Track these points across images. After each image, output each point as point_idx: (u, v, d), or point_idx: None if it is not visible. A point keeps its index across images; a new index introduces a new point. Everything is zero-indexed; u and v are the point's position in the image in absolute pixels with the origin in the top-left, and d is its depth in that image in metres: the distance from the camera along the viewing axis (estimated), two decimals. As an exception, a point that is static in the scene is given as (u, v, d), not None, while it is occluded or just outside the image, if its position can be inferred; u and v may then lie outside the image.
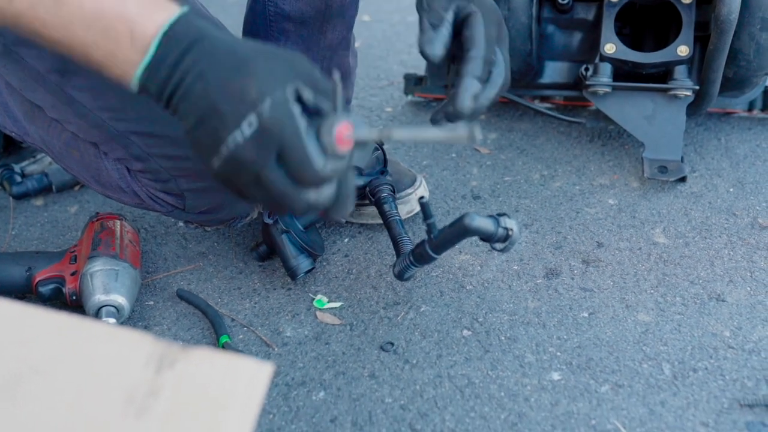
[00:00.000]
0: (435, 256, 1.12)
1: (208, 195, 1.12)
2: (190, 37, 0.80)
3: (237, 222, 1.20)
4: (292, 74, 0.80)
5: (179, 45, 0.79)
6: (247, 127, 0.77)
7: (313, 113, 0.80)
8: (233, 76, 0.78)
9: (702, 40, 1.48)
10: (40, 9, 0.78)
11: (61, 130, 1.11)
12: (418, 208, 1.38)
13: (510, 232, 1.05)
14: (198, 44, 0.80)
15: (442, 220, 1.41)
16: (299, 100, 0.79)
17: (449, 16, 1.04)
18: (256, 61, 0.80)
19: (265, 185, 0.79)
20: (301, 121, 0.78)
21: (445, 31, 1.04)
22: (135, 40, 0.79)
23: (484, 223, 1.04)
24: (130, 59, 0.80)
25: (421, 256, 1.13)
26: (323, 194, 0.81)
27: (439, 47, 1.04)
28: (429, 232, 1.11)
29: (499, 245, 1.06)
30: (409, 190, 1.37)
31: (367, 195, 1.31)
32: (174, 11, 0.80)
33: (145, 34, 0.79)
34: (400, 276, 1.18)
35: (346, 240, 1.37)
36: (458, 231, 1.06)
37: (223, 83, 0.78)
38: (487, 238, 1.06)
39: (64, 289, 1.19)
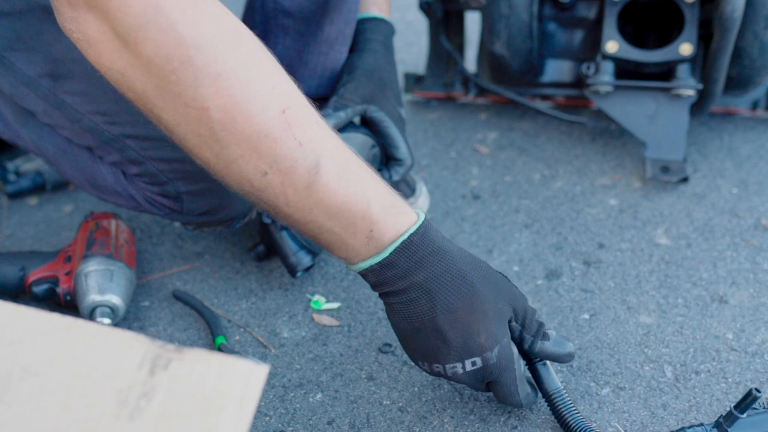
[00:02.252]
0: None
1: (206, 197, 1.12)
2: (424, 250, 0.87)
3: (235, 223, 1.20)
4: (511, 309, 0.92)
5: (413, 257, 0.87)
6: (470, 365, 0.89)
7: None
8: (463, 313, 0.88)
9: (705, 39, 1.47)
10: (290, 190, 0.83)
11: (54, 134, 1.10)
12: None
13: None
14: (430, 261, 0.87)
15: (441, 220, 1.40)
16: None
17: (355, 110, 1.21)
18: (485, 298, 0.89)
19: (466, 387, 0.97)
20: (517, 363, 0.93)
21: (343, 116, 1.20)
22: (372, 239, 0.86)
23: None
24: (361, 252, 0.87)
25: None
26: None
27: (330, 123, 1.17)
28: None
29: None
30: (411, 200, 1.36)
31: None
32: (413, 218, 0.88)
33: (383, 238, 0.86)
34: None
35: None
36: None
37: (451, 315, 0.88)
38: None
39: (58, 289, 1.17)
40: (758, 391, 0.90)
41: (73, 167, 1.15)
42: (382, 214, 0.85)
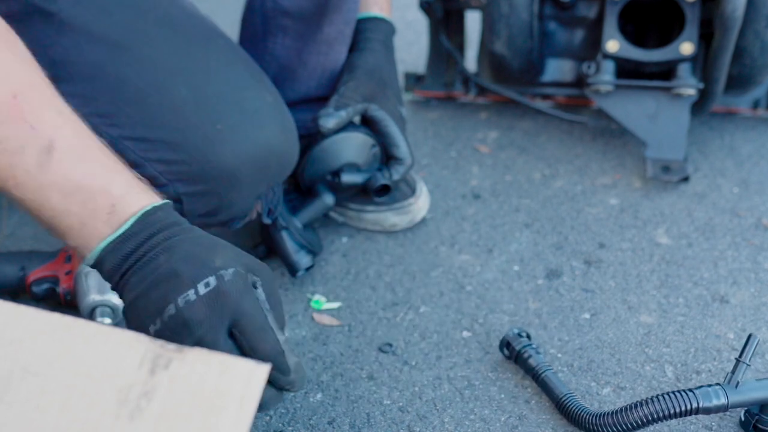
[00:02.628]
0: None
1: (205, 198, 1.11)
2: (168, 220, 0.83)
3: (235, 223, 1.20)
4: (257, 271, 0.84)
5: (155, 224, 0.82)
6: (203, 287, 0.79)
7: None
8: (200, 250, 0.82)
9: (706, 38, 1.47)
10: (19, 170, 0.79)
11: None
12: (419, 218, 1.37)
13: None
14: (174, 227, 0.83)
15: (441, 220, 1.40)
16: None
17: (356, 109, 1.24)
18: (226, 247, 0.84)
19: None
20: (261, 298, 0.82)
21: (344, 115, 1.23)
22: (113, 214, 0.81)
23: None
24: (98, 232, 0.82)
25: None
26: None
27: (332, 122, 1.24)
28: None
29: None
30: (411, 200, 1.36)
31: (369, 192, 1.30)
32: (158, 198, 0.84)
33: (126, 212, 0.81)
34: None
35: (344, 240, 1.35)
36: None
37: (188, 254, 0.81)
38: None
39: (58, 289, 1.17)
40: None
41: None
42: (125, 189, 0.82)
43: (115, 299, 1.14)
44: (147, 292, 0.80)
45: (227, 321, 0.78)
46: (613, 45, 1.48)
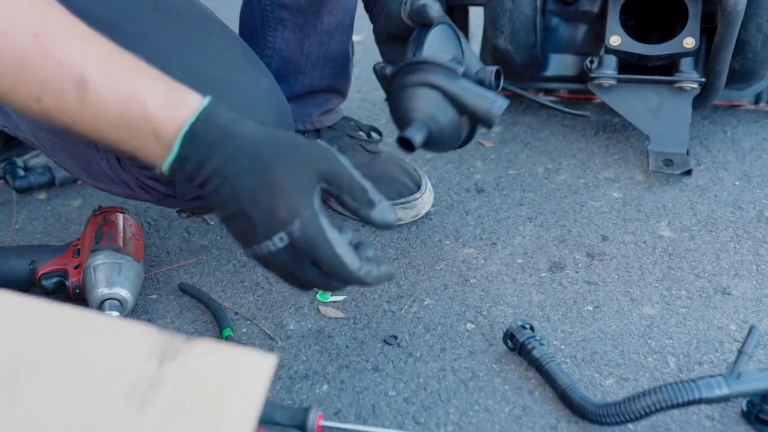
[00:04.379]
0: None
1: None
2: (212, 137, 0.83)
3: None
4: (317, 176, 0.85)
5: (201, 146, 0.82)
6: (279, 240, 0.84)
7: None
8: (261, 191, 0.83)
9: (708, 32, 1.48)
10: (67, 109, 0.81)
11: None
12: (424, 212, 1.38)
13: None
14: (220, 146, 0.83)
15: (445, 214, 1.40)
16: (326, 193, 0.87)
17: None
18: (281, 172, 0.84)
19: (300, 280, 0.90)
20: (331, 232, 0.86)
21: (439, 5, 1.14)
22: (159, 138, 0.82)
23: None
24: (157, 154, 0.83)
25: None
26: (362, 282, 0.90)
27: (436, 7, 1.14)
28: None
29: None
30: (416, 195, 1.36)
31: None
32: (194, 106, 0.83)
33: (168, 134, 0.82)
34: None
35: (349, 233, 1.36)
36: None
37: (251, 195, 0.83)
38: None
39: (67, 283, 1.18)
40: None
41: (68, 156, 1.14)
42: (159, 110, 0.82)
43: (123, 292, 1.15)
44: (231, 222, 0.86)
45: (307, 261, 0.87)
46: (615, 39, 1.48)
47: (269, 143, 0.85)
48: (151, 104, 0.81)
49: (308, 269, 0.87)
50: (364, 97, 1.85)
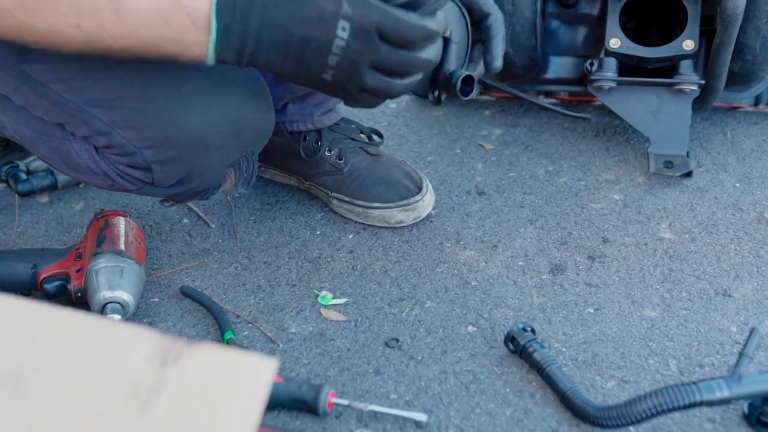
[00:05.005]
0: None
1: (175, 165, 1.09)
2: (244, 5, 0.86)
3: (210, 193, 1.17)
4: None
5: (238, 10, 0.86)
6: (342, 30, 0.88)
7: None
8: (302, 8, 0.87)
9: (708, 35, 1.48)
10: (107, 25, 0.85)
11: (28, 116, 1.09)
12: (425, 215, 1.38)
13: None
14: (252, 11, 0.87)
15: (446, 216, 1.41)
16: None
17: None
18: None
19: (382, 65, 0.90)
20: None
21: None
22: (195, 22, 0.86)
23: None
24: (198, 41, 0.87)
25: None
26: (434, 48, 0.93)
27: None
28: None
29: None
30: (417, 197, 1.36)
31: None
32: None
33: (202, 14, 0.86)
34: None
35: (350, 236, 1.37)
36: None
37: (299, 20, 0.87)
38: None
39: (69, 286, 1.19)
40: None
41: (49, 149, 1.13)
42: None
43: (124, 296, 1.15)
44: (296, 65, 0.90)
45: (376, 36, 0.89)
46: (615, 42, 1.49)
47: None
48: None
49: (382, 47, 0.89)
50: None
